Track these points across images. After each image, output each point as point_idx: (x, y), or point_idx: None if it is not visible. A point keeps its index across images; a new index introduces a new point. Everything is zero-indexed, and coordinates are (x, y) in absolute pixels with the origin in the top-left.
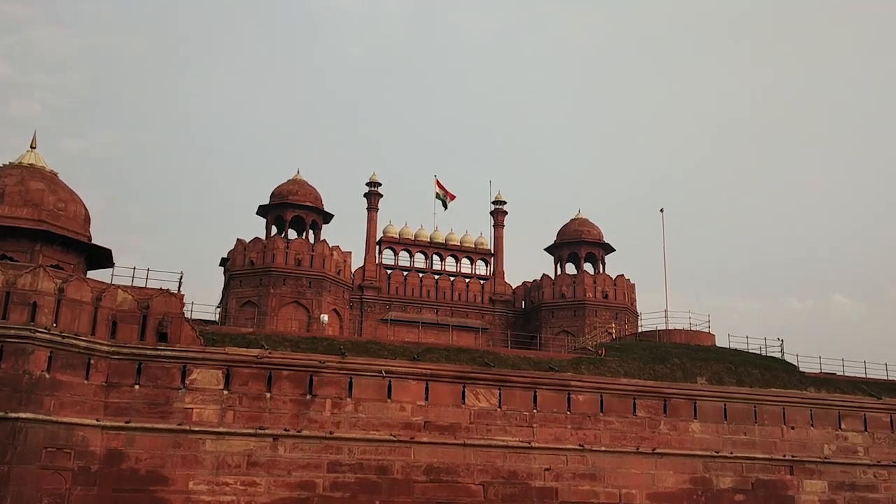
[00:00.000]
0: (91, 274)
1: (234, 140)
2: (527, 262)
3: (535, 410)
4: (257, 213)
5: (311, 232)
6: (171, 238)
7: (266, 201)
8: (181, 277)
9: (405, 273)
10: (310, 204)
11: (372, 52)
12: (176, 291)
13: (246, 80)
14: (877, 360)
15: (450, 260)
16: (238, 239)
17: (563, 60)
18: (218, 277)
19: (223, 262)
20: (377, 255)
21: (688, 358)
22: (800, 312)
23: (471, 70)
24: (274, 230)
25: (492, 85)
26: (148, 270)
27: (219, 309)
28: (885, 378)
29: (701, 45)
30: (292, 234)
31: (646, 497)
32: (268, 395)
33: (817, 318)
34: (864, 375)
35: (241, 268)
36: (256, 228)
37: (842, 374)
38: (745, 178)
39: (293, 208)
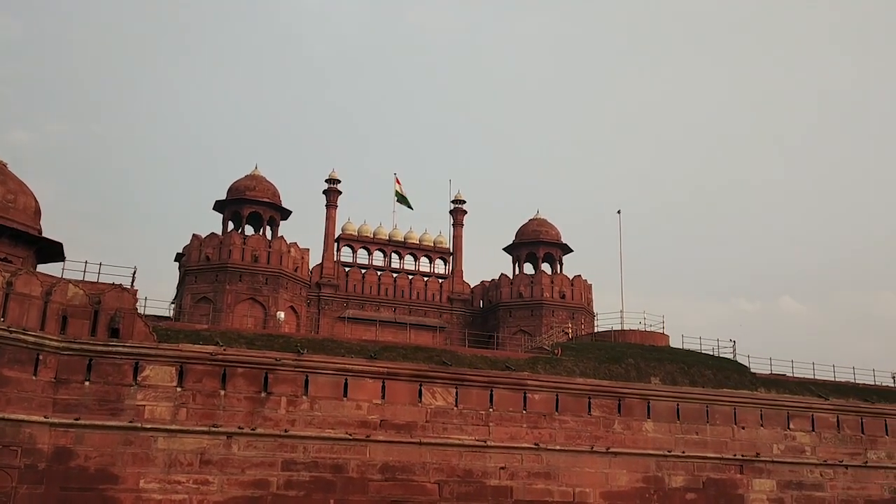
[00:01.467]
0: (41, 268)
1: (192, 134)
2: (485, 262)
3: (491, 409)
4: (214, 209)
5: (268, 228)
6: (124, 232)
7: (223, 196)
8: (134, 272)
9: (363, 271)
10: (267, 200)
11: (332, 50)
12: (129, 287)
13: (204, 74)
14: (824, 361)
15: (408, 258)
16: (194, 234)
17: (524, 61)
18: (173, 273)
19: (178, 257)
20: (335, 253)
21: (642, 358)
22: (750, 313)
23: (431, 69)
24: (230, 226)
25: (452, 84)
26: (100, 265)
27: (173, 305)
28: (833, 379)
29: (660, 48)
30: (249, 230)
31: (599, 495)
32: (222, 392)
33: (766, 320)
34: (812, 376)
35: (197, 263)
36: (213, 224)
37: (791, 375)
38: (700, 181)
39: (250, 204)
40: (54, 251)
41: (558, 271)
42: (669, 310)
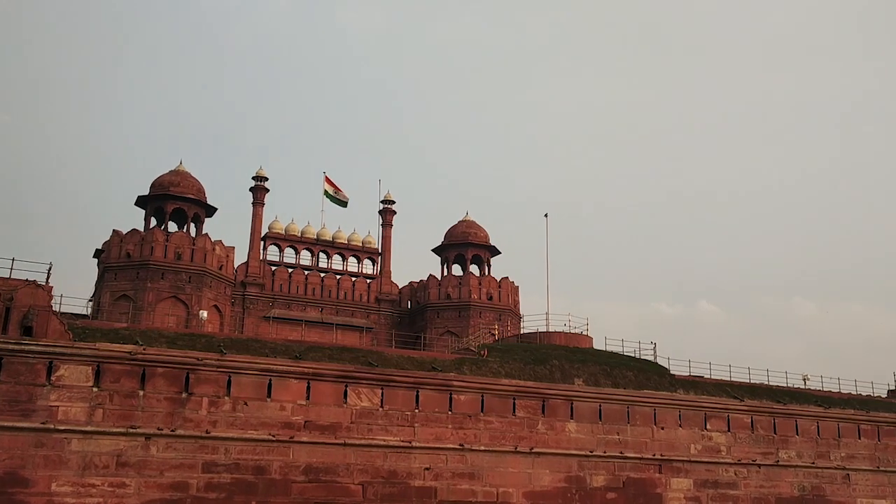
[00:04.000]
0: None
1: (114, 129)
2: (414, 263)
3: (417, 410)
4: (136, 204)
5: (192, 225)
6: (40, 228)
7: (146, 192)
8: (50, 269)
9: (290, 270)
10: (192, 196)
11: (261, 49)
12: (44, 283)
13: (127, 67)
14: (740, 363)
15: (336, 258)
16: (114, 230)
17: (454, 63)
18: (91, 270)
19: (97, 253)
20: (262, 252)
21: (566, 360)
22: (669, 317)
23: (360, 69)
24: (153, 222)
25: (382, 85)
26: (13, 260)
27: (91, 303)
28: (748, 381)
29: (588, 51)
30: (173, 226)
31: (522, 495)
32: (141, 392)
33: (686, 323)
34: (728, 378)
35: (117, 260)
36: (134, 220)
37: (709, 376)
38: (624, 187)
39: (174, 200)
40: None
41: (486, 273)
42: (593, 312)
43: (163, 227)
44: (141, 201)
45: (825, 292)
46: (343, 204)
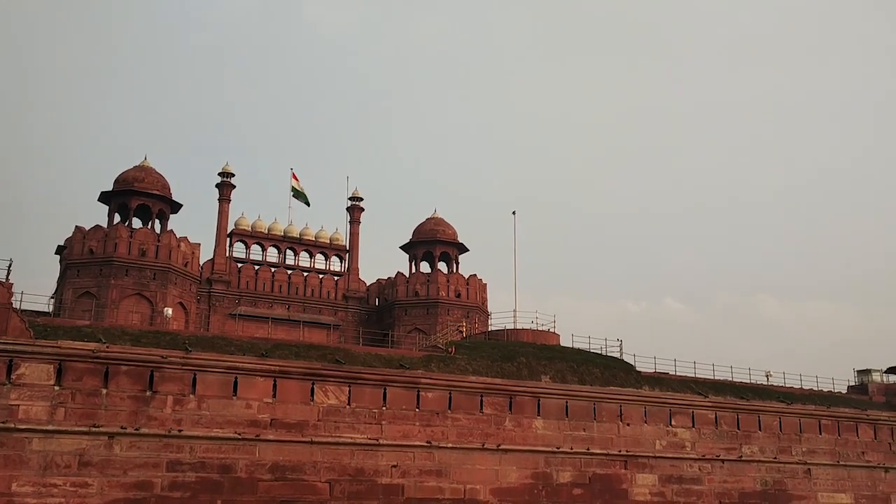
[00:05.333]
0: None
1: (78, 124)
2: (382, 260)
3: (384, 408)
4: (99, 200)
5: (157, 221)
6: (0, 223)
7: (109, 188)
8: (10, 265)
9: (256, 267)
10: (157, 192)
11: (228, 44)
12: (3, 280)
13: (96, 65)
14: (705, 360)
15: (304, 255)
16: (77, 226)
17: (421, 58)
18: (53, 267)
19: (59, 250)
20: (228, 249)
21: (534, 357)
22: (636, 314)
23: (329, 65)
24: (117, 218)
25: (351, 82)
26: None
27: (53, 300)
28: (712, 378)
29: (560, 50)
30: (137, 223)
31: (489, 492)
32: (104, 391)
33: (651, 320)
34: (693, 375)
35: (80, 257)
36: (98, 216)
37: (674, 373)
38: (592, 185)
39: (138, 196)
40: None
41: (454, 270)
42: (561, 310)
43: (127, 223)
44: (104, 197)
45: (788, 290)
46: (306, 202)
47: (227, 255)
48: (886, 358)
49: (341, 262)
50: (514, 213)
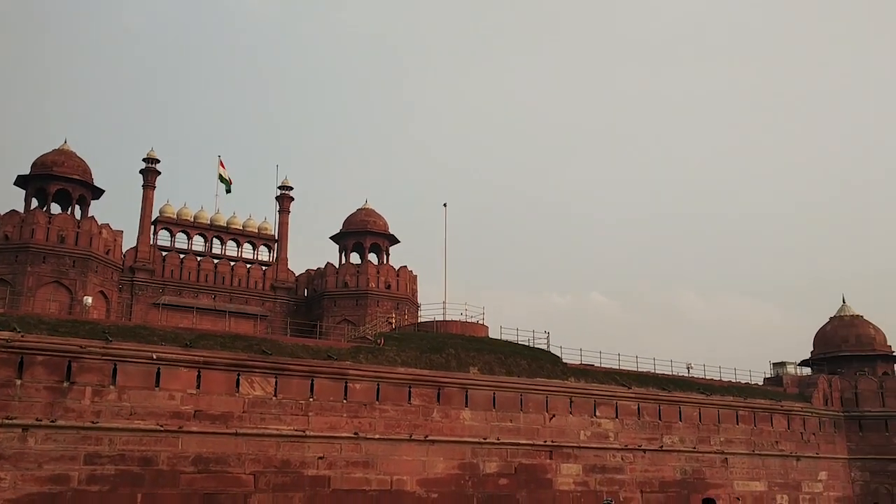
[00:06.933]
0: None
1: None
2: (311, 250)
3: (311, 399)
4: (15, 184)
5: (77, 208)
6: None
7: (26, 171)
8: None
9: (182, 256)
10: (77, 177)
11: (154, 28)
12: None
13: (15, 45)
14: (629, 352)
15: (231, 244)
16: None
17: (351, 46)
18: None
19: None
20: (152, 236)
21: (462, 348)
22: (562, 307)
23: (258, 52)
24: (35, 203)
25: (281, 69)
26: None
27: None
28: (636, 370)
29: (492, 40)
30: (56, 208)
31: (416, 483)
32: (18, 382)
33: (578, 313)
34: (617, 367)
35: None
36: (14, 201)
37: (599, 365)
38: (522, 178)
39: (57, 180)
40: None
41: (385, 262)
42: (490, 302)
43: (45, 208)
44: (21, 181)
45: (707, 285)
46: (227, 189)
47: (152, 243)
48: (800, 351)
49: (270, 252)
50: (444, 205)
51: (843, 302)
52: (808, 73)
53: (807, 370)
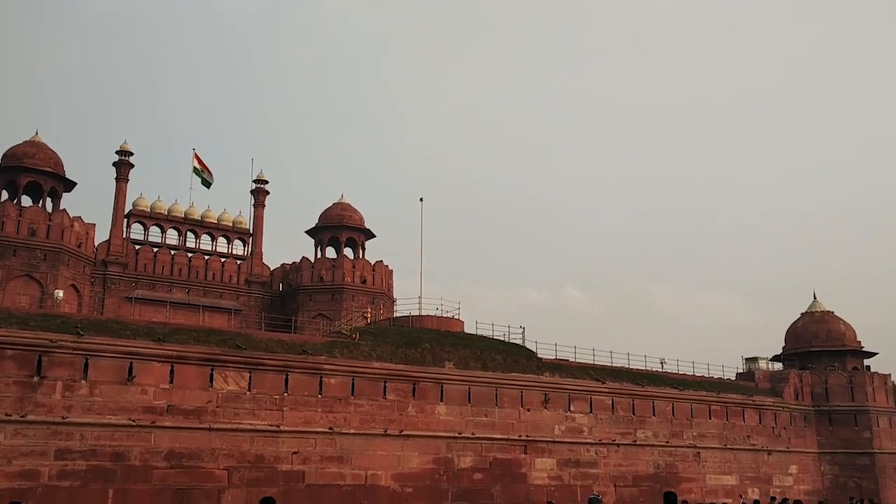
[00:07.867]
0: None
1: None
2: (287, 244)
3: (286, 394)
4: None
5: (49, 200)
6: None
7: None
8: None
9: (155, 249)
10: (49, 169)
11: (129, 20)
12: None
13: None
14: (603, 347)
15: (205, 238)
16: None
17: (328, 42)
18: None
19: None
20: (125, 230)
21: (438, 343)
22: (537, 302)
23: (234, 45)
24: (5, 195)
25: (255, 62)
26: None
27: None
28: (610, 364)
29: (466, 38)
30: (27, 201)
31: (391, 478)
32: None
33: (552, 308)
34: (592, 362)
35: None
36: None
37: (574, 360)
38: (498, 174)
39: (28, 172)
40: None
41: (360, 256)
42: (465, 297)
43: (15, 201)
44: None
45: (681, 281)
46: (207, 184)
47: (125, 236)
48: (772, 347)
49: (244, 246)
50: (421, 200)
51: (815, 298)
52: (790, 71)
53: (778, 365)
